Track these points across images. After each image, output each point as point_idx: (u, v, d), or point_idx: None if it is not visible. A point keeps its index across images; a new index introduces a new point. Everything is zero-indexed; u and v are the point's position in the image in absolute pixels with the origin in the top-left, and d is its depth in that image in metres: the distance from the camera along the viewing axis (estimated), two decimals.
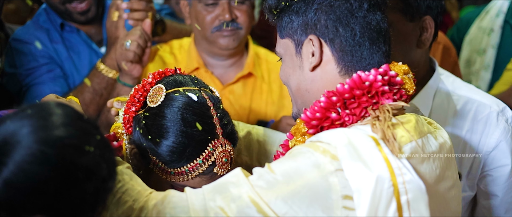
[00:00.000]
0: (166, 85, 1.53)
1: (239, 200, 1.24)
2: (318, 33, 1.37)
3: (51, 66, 2.46)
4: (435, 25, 1.84)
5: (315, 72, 1.39)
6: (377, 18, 1.38)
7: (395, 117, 1.32)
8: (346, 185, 1.21)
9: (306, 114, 1.35)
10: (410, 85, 1.40)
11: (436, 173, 1.33)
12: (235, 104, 2.36)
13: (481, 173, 1.88)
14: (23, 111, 1.09)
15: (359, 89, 1.31)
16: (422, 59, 1.87)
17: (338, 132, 1.28)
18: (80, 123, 1.11)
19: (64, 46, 2.54)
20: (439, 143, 1.37)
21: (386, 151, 1.23)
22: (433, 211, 1.27)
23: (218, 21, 2.28)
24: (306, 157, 1.24)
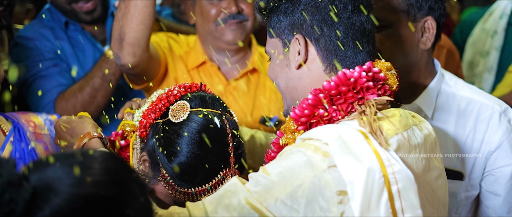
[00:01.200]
0: (191, 103, 1.58)
1: (240, 208, 1.29)
2: (304, 33, 1.47)
3: (57, 61, 2.53)
4: (437, 26, 1.90)
5: (301, 70, 1.48)
6: (361, 19, 1.47)
7: (380, 111, 1.40)
8: (340, 180, 1.28)
9: (295, 111, 1.43)
10: (393, 81, 1.48)
11: (423, 163, 1.41)
12: (239, 100, 2.42)
13: (484, 173, 1.92)
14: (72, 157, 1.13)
15: (344, 85, 1.40)
16: (424, 60, 1.93)
17: (327, 128, 1.35)
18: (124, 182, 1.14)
19: (69, 44, 2.61)
20: (423, 135, 1.46)
21: (374, 143, 1.31)
22: (421, 200, 1.35)
23: (224, 14, 2.34)
24: (299, 157, 1.31)
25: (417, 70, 1.94)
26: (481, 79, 3.37)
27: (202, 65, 2.46)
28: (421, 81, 1.95)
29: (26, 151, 1.94)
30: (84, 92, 2.40)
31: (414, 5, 1.85)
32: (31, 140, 2.00)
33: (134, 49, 2.07)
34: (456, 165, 1.93)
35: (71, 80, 2.52)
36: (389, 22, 1.86)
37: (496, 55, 3.34)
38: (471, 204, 2.00)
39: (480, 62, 3.39)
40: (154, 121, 1.59)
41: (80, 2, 2.54)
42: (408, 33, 1.87)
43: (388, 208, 1.29)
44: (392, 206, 1.30)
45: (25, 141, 1.95)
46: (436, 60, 2.01)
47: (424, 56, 1.93)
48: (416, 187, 1.32)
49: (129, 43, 2.05)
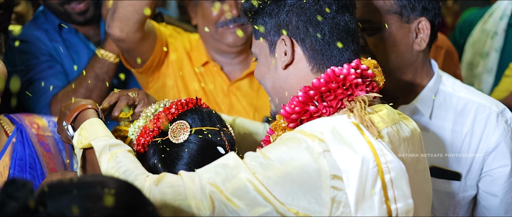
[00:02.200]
0: (190, 122, 1.63)
1: (235, 180, 1.36)
2: (290, 34, 1.54)
3: (52, 63, 2.58)
4: (432, 26, 1.93)
5: (288, 71, 1.55)
6: (345, 19, 1.54)
7: (369, 107, 1.48)
8: (334, 165, 1.35)
9: (285, 109, 1.50)
10: (380, 77, 1.57)
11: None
12: (242, 100, 2.47)
13: (481, 173, 1.97)
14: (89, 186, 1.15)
15: (334, 82, 1.47)
16: (420, 61, 1.98)
17: (321, 120, 1.43)
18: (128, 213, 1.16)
19: (63, 46, 2.65)
20: (410, 129, 1.55)
21: (367, 134, 1.40)
22: (412, 190, 1.42)
23: (224, 17, 2.40)
24: (296, 141, 1.37)
25: (413, 71, 1.98)
26: (481, 80, 3.39)
27: (205, 65, 2.51)
28: (418, 82, 2.00)
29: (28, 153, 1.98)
30: (79, 94, 2.44)
31: (407, 6, 1.90)
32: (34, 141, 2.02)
33: (122, 26, 2.12)
34: (453, 165, 1.98)
35: (66, 82, 2.57)
36: (382, 25, 1.89)
37: (496, 57, 3.36)
38: (469, 205, 2.04)
39: (479, 63, 3.41)
40: (152, 139, 1.63)
41: (72, 3, 2.58)
42: (402, 35, 1.92)
43: (381, 197, 1.37)
44: (385, 194, 1.38)
45: (28, 142, 1.99)
46: (433, 61, 2.05)
47: (420, 57, 1.97)
48: (407, 177, 1.41)
49: (118, 18, 2.10)
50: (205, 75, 2.50)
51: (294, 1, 1.54)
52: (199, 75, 2.50)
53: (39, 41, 2.62)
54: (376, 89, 1.55)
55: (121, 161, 1.47)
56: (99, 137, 1.55)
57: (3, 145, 1.98)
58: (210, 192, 1.35)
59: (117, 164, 1.46)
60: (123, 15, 2.09)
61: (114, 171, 1.45)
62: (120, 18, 2.09)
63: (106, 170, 1.47)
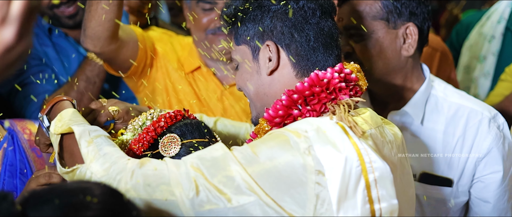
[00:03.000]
0: (180, 135, 1.66)
1: (221, 167, 1.39)
2: (274, 39, 1.57)
3: (42, 67, 2.62)
4: (420, 31, 1.94)
5: (272, 76, 1.59)
6: (328, 24, 1.59)
7: (353, 110, 1.52)
8: (318, 161, 1.38)
9: (269, 112, 1.54)
10: (363, 82, 1.60)
11: (396, 158, 1.53)
12: (235, 105, 2.50)
13: (473, 179, 1.99)
14: (71, 194, 1.16)
15: (318, 86, 1.50)
16: (409, 66, 1.99)
17: (306, 120, 1.47)
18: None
19: (53, 50, 2.68)
20: (392, 133, 1.58)
21: (351, 134, 1.43)
22: (396, 191, 1.45)
23: (214, 24, 2.43)
24: (283, 137, 1.41)
25: (402, 77, 1.99)
26: (477, 84, 3.38)
27: (197, 70, 2.54)
28: (408, 87, 2.01)
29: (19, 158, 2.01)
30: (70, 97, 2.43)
31: (394, 12, 1.91)
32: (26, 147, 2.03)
33: (94, 43, 2.17)
34: (445, 171, 1.99)
35: (56, 86, 2.59)
36: (369, 31, 1.90)
37: (493, 61, 3.36)
38: (461, 211, 2.06)
39: (476, 67, 3.41)
40: (142, 153, 1.65)
41: (62, 6, 2.60)
42: (389, 41, 1.94)
43: (365, 196, 1.39)
44: (369, 194, 1.40)
45: (19, 148, 2.01)
46: (424, 65, 2.06)
47: (409, 62, 1.98)
48: (392, 177, 1.43)
49: (88, 36, 2.15)
50: (198, 80, 2.53)
51: (278, 6, 1.57)
52: (191, 80, 2.52)
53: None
54: (360, 94, 1.59)
55: (100, 144, 1.49)
56: (78, 122, 1.57)
57: None
58: (194, 176, 1.38)
59: (97, 146, 1.49)
60: (92, 34, 2.13)
61: (94, 154, 1.47)
62: (90, 36, 2.14)
63: (86, 153, 1.48)
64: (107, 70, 2.42)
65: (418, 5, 1.95)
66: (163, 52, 2.52)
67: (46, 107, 1.70)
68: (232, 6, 1.62)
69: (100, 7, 2.04)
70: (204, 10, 2.44)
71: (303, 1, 1.57)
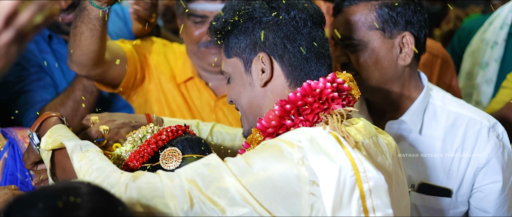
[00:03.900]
0: (181, 149, 1.69)
1: (215, 179, 1.40)
2: (267, 51, 1.60)
3: (41, 75, 2.64)
4: (417, 40, 1.95)
5: (265, 88, 1.61)
6: (319, 34, 1.63)
7: (346, 120, 1.54)
8: (312, 172, 1.39)
9: (262, 122, 1.56)
10: (356, 91, 1.62)
11: (390, 168, 1.55)
12: (229, 115, 2.51)
13: (472, 189, 2.00)
14: (56, 196, 1.16)
15: (310, 96, 1.52)
16: (406, 75, 2.01)
17: (299, 130, 1.49)
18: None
19: (53, 57, 2.70)
20: (386, 143, 1.60)
21: (345, 144, 1.45)
22: (391, 201, 1.47)
23: (205, 38, 2.45)
24: (276, 148, 1.43)
25: (400, 86, 2.00)
26: (480, 91, 3.37)
27: (190, 80, 2.56)
28: (406, 96, 2.02)
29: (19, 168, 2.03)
30: (67, 106, 2.48)
31: (389, 21, 1.92)
32: None
33: (79, 67, 2.21)
34: (443, 181, 1.99)
35: (55, 94, 2.61)
36: (364, 41, 1.91)
37: (496, 67, 3.34)
38: None
39: (478, 74, 3.40)
40: (141, 165, 1.68)
41: (62, 13, 2.61)
42: (386, 51, 1.95)
43: (359, 206, 1.41)
44: (364, 204, 1.42)
45: (20, 157, 2.03)
46: (422, 74, 2.06)
47: (406, 71, 1.99)
48: (386, 187, 1.45)
49: (74, 61, 2.19)
50: (191, 91, 2.55)
51: (270, 18, 1.60)
52: (184, 91, 2.54)
53: (28, 52, 2.67)
54: (353, 103, 1.61)
55: (93, 159, 1.52)
56: (69, 138, 1.58)
57: None
58: (188, 189, 1.39)
59: (89, 161, 1.51)
60: (78, 61, 2.17)
61: (87, 168, 1.49)
62: (76, 62, 2.18)
63: (78, 168, 1.51)
64: (98, 87, 2.46)
65: (414, 13, 1.96)
66: (155, 63, 2.55)
67: (35, 124, 1.73)
68: (221, 18, 1.64)
69: (83, 38, 2.06)
70: (195, 23, 2.46)
71: (294, 11, 1.59)
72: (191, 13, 2.44)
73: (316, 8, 1.65)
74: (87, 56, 2.13)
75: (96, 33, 2.03)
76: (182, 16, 2.51)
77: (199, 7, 2.42)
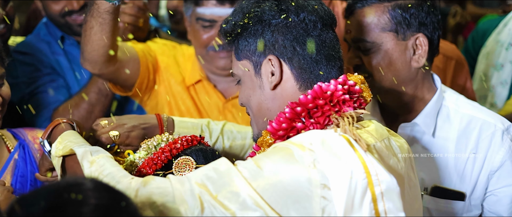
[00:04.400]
0: (195, 158, 1.71)
1: (225, 183, 1.40)
2: (276, 53, 1.60)
3: (54, 76, 2.66)
4: (430, 41, 1.95)
5: (275, 91, 1.61)
6: (330, 36, 1.61)
7: (357, 123, 1.53)
8: (324, 175, 1.39)
9: (272, 125, 1.56)
10: (367, 93, 1.61)
11: (402, 171, 1.54)
12: (238, 117, 2.52)
13: (486, 192, 1.99)
14: (60, 195, 1.16)
15: (321, 98, 1.52)
16: (419, 77, 2.00)
17: (310, 133, 1.48)
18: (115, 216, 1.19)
19: (65, 58, 2.72)
20: (398, 145, 1.59)
21: (357, 147, 1.44)
22: (403, 204, 1.46)
23: (214, 42, 2.46)
24: (287, 151, 1.42)
25: (413, 88, 1.99)
26: (494, 93, 3.35)
27: (198, 83, 2.57)
28: (419, 98, 2.01)
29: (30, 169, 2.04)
30: (81, 108, 2.50)
31: (402, 23, 1.91)
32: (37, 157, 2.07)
33: (92, 65, 2.21)
34: (457, 184, 1.99)
35: (68, 96, 2.62)
36: (377, 43, 1.90)
37: (511, 69, 3.32)
38: None
39: (493, 75, 3.38)
40: (154, 172, 1.70)
41: (73, 14, 2.64)
42: (399, 53, 1.94)
43: (371, 209, 1.40)
44: (376, 207, 1.41)
45: (30, 158, 2.05)
46: (436, 76, 2.06)
47: (420, 73, 1.99)
48: (398, 190, 1.44)
49: (86, 58, 2.19)
50: (200, 93, 2.56)
51: (279, 20, 1.59)
52: (193, 93, 2.55)
53: (41, 54, 2.69)
54: (364, 105, 1.60)
55: (103, 164, 1.53)
56: (79, 144, 1.59)
57: (4, 161, 2.04)
58: (199, 193, 1.39)
59: (100, 167, 1.52)
60: (90, 58, 2.17)
61: (97, 174, 1.51)
62: (88, 59, 2.18)
63: (89, 174, 1.53)
64: (112, 90, 2.46)
65: (427, 15, 1.95)
66: (165, 66, 2.56)
67: (46, 131, 1.74)
68: (231, 21, 1.64)
69: (93, 33, 2.07)
70: (204, 27, 2.47)
71: (304, 13, 1.59)
72: (200, 18, 2.45)
73: (326, 9, 1.64)
74: (97, 53, 2.13)
75: (106, 27, 2.03)
76: (191, 19, 2.52)
77: (208, 11, 2.42)
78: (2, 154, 2.04)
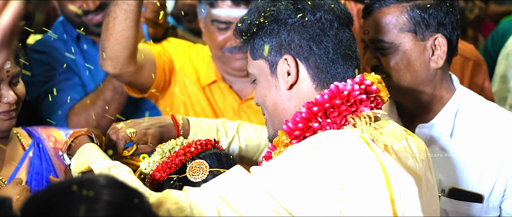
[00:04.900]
0: (209, 162, 1.73)
1: (242, 191, 1.39)
2: (292, 53, 1.58)
3: (69, 75, 2.69)
4: (449, 41, 1.92)
5: (291, 91, 1.60)
6: (346, 36, 1.60)
7: (374, 123, 1.51)
8: (342, 177, 1.37)
9: (288, 125, 1.54)
10: (385, 93, 1.60)
11: (420, 171, 1.52)
12: (253, 118, 2.51)
13: (504, 195, 1.96)
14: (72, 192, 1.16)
15: (338, 98, 1.50)
16: (438, 77, 1.99)
17: (326, 133, 1.47)
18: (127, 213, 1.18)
19: (81, 57, 2.74)
20: (416, 145, 1.57)
21: (375, 147, 1.42)
22: (421, 204, 1.44)
23: (230, 44, 2.46)
24: (303, 153, 1.41)
25: (431, 89, 1.98)
26: None
27: (214, 83, 2.57)
28: (437, 99, 2.00)
29: (45, 167, 2.06)
30: (96, 106, 2.52)
31: (421, 23, 1.90)
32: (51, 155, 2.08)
33: (113, 63, 2.20)
34: (474, 186, 1.97)
35: (83, 94, 2.64)
36: (396, 44, 1.89)
37: None
38: None
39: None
40: (168, 176, 1.72)
41: (89, 14, 2.65)
42: (418, 53, 1.93)
43: (389, 210, 1.38)
44: (393, 208, 1.39)
45: (45, 156, 2.06)
46: (454, 77, 2.04)
47: (438, 73, 1.97)
48: (417, 191, 1.42)
49: (108, 57, 2.18)
50: (215, 94, 2.56)
51: (295, 19, 1.58)
52: (208, 94, 2.55)
53: (57, 52, 2.71)
54: (381, 105, 1.59)
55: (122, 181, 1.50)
56: (98, 159, 1.59)
57: (19, 159, 2.05)
58: (217, 205, 1.38)
59: None
60: (112, 54, 2.16)
61: None
62: (110, 57, 2.17)
63: None
64: (128, 92, 2.47)
65: (446, 15, 1.93)
66: (180, 66, 2.56)
67: (65, 144, 1.76)
68: (247, 20, 1.64)
69: (117, 23, 2.07)
70: (219, 29, 2.46)
71: (320, 12, 1.58)
72: (215, 19, 2.44)
73: (343, 8, 1.63)
74: (121, 46, 2.12)
75: (130, 15, 2.04)
76: (206, 21, 2.52)
77: (223, 13, 2.42)
78: (17, 152, 2.06)
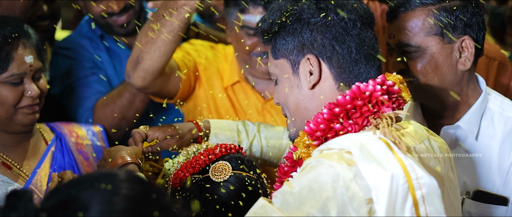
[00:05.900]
0: (232, 165, 1.77)
1: None
2: (315, 52, 1.57)
3: (95, 70, 2.71)
4: (475, 43, 1.91)
5: (313, 90, 1.58)
6: (369, 35, 1.58)
7: (396, 124, 1.49)
8: (367, 188, 1.35)
9: (309, 126, 1.52)
10: (406, 94, 1.58)
11: (443, 172, 1.50)
12: (277, 118, 2.51)
13: None
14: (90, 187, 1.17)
15: (360, 99, 1.49)
16: (464, 80, 1.96)
17: (349, 137, 1.45)
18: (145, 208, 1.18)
19: (107, 54, 2.77)
20: (438, 145, 1.55)
21: (396, 150, 1.40)
22: (445, 206, 1.42)
23: (258, 49, 2.43)
24: (324, 169, 1.37)
25: (458, 91, 1.96)
26: None
27: (236, 84, 2.57)
28: (464, 101, 1.98)
29: (67, 161, 2.10)
30: (123, 97, 2.55)
31: (448, 26, 1.88)
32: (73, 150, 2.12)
33: (146, 76, 2.21)
34: (500, 189, 1.95)
35: (109, 88, 2.67)
36: (423, 47, 1.89)
37: None
38: None
39: None
40: (191, 175, 1.77)
41: (114, 16, 2.67)
42: (445, 56, 1.91)
43: (413, 214, 1.38)
44: (417, 211, 1.38)
45: (67, 150, 2.10)
46: (480, 78, 2.02)
47: (465, 76, 1.96)
48: (440, 193, 1.41)
49: (144, 69, 2.18)
50: (238, 94, 2.56)
51: (318, 19, 1.57)
52: (231, 94, 2.56)
53: (83, 49, 2.74)
54: (402, 106, 1.57)
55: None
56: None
57: (42, 153, 2.09)
58: None
59: None
60: (150, 66, 2.16)
61: None
62: (146, 69, 2.17)
63: None
64: (153, 99, 2.49)
65: (473, 15, 1.90)
66: (203, 68, 2.55)
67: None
68: (268, 19, 1.62)
69: (161, 40, 2.09)
70: (249, 35, 2.44)
71: (343, 12, 1.56)
72: (246, 25, 2.42)
73: (366, 8, 1.61)
74: (161, 59, 2.16)
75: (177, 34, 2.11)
76: (233, 25, 2.50)
77: (255, 19, 2.38)
78: (40, 146, 2.09)
